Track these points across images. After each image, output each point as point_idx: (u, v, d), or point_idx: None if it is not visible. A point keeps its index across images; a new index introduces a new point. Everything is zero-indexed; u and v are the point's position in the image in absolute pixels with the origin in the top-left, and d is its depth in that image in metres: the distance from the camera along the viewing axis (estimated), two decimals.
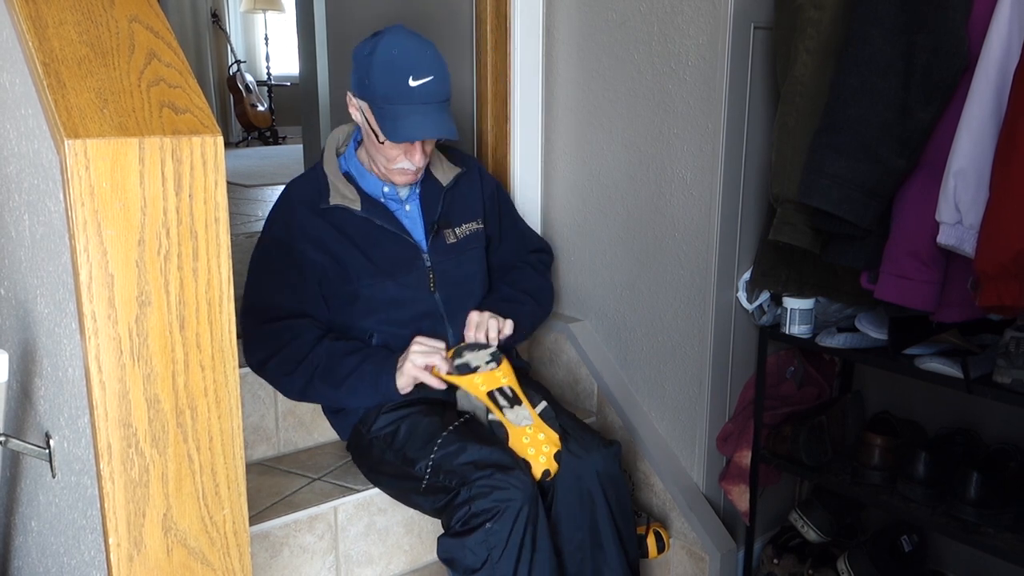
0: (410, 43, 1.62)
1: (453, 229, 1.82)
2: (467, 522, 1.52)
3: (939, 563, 2.10)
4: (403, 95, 1.59)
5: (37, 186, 1.04)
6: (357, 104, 1.68)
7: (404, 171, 1.71)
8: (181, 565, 1.00)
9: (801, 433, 1.88)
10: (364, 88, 1.63)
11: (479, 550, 1.51)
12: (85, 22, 1.00)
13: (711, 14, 1.80)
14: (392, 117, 1.60)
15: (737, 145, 1.85)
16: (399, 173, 1.72)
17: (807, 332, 1.86)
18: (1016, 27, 1.38)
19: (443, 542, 1.56)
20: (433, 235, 1.79)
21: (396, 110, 1.60)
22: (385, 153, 1.68)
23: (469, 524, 1.52)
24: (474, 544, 1.51)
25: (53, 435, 1.13)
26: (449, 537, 1.55)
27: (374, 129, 1.65)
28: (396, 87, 1.59)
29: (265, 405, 1.88)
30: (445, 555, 1.56)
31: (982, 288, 1.41)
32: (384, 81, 1.59)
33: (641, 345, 2.08)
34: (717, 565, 1.96)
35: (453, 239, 1.81)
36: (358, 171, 1.77)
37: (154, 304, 0.92)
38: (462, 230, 1.83)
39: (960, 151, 1.43)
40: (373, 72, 1.60)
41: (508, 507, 1.51)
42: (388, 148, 1.66)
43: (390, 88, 1.59)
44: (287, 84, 6.73)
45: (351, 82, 1.68)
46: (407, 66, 1.59)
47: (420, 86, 1.59)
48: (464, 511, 1.52)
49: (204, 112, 0.95)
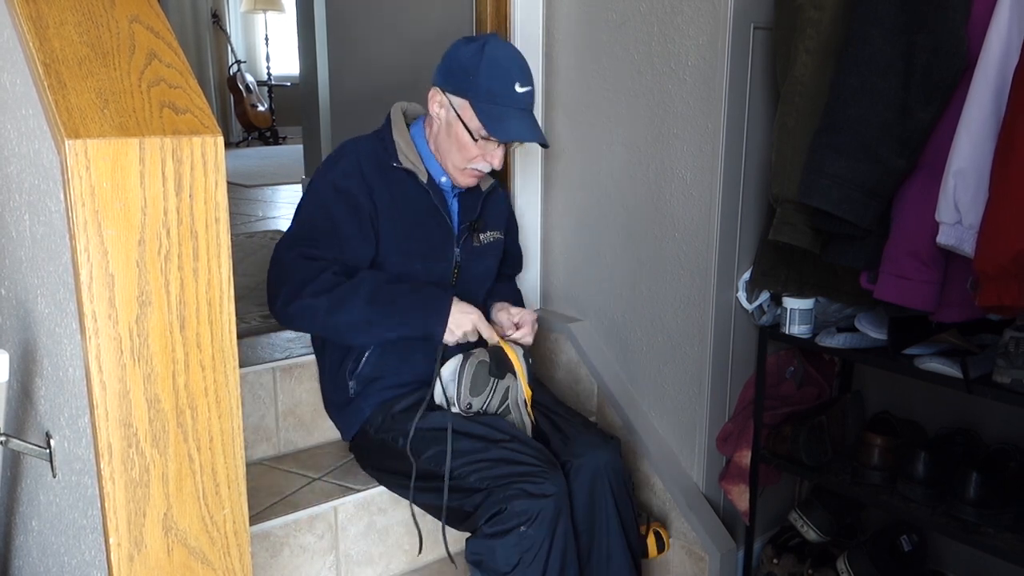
0: (514, 52, 1.70)
1: (480, 234, 1.85)
2: (500, 524, 1.52)
3: (939, 563, 2.10)
4: (510, 98, 1.65)
5: (38, 186, 1.04)
6: (447, 100, 1.69)
7: (476, 172, 1.74)
8: (181, 565, 1.00)
9: (801, 433, 1.89)
10: (467, 85, 1.65)
11: (511, 553, 1.51)
12: (86, 22, 1.00)
13: (711, 14, 1.80)
14: (496, 116, 1.65)
15: (737, 145, 1.85)
16: (469, 174, 1.74)
17: (807, 332, 1.86)
18: (1016, 27, 1.38)
19: (473, 544, 1.56)
20: (467, 234, 1.82)
21: (502, 111, 1.65)
22: (466, 152, 1.70)
23: (503, 526, 1.51)
24: (507, 547, 1.51)
25: (54, 435, 1.13)
26: (480, 539, 1.54)
27: (467, 125, 1.67)
28: (504, 88, 1.64)
29: (265, 405, 1.88)
30: (474, 557, 1.56)
31: (982, 288, 1.41)
32: (493, 80, 1.64)
33: (641, 345, 2.08)
34: (717, 565, 1.96)
35: (478, 243, 1.85)
36: (423, 150, 1.77)
37: (154, 304, 0.92)
38: (487, 236, 1.87)
39: (960, 151, 1.43)
40: (481, 71, 1.64)
41: (543, 511, 1.51)
42: (472, 147, 1.69)
43: (499, 88, 1.64)
44: (287, 84, 6.73)
45: (438, 77, 1.70)
46: (514, 71, 1.66)
47: (525, 93, 1.67)
48: (497, 513, 1.52)
49: (204, 112, 0.95)
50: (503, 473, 1.55)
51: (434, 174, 1.77)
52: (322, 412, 1.93)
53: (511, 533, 1.50)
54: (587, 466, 1.68)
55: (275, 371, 1.88)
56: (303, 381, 1.92)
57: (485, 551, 1.53)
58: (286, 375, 1.90)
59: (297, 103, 4.24)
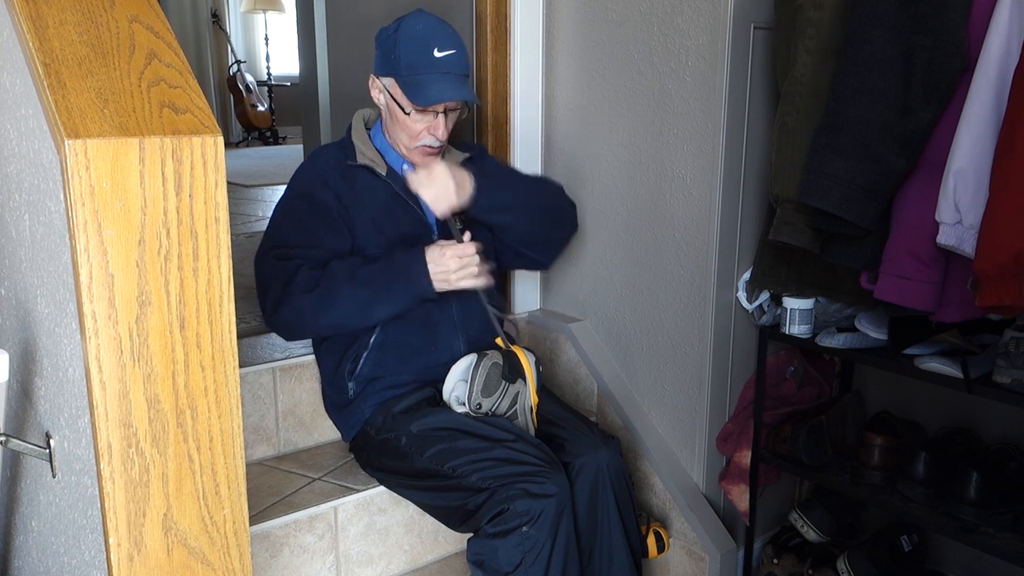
0: (432, 20, 1.72)
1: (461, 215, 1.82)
2: (502, 524, 1.51)
3: (939, 563, 2.10)
4: (429, 64, 1.68)
5: (37, 186, 1.04)
6: (380, 84, 1.75)
7: (427, 148, 1.75)
8: (181, 565, 1.00)
9: (801, 433, 1.89)
10: (389, 63, 1.71)
11: (514, 553, 1.51)
12: (85, 22, 1.00)
13: (711, 14, 1.80)
14: (418, 85, 1.68)
15: (737, 145, 1.85)
16: (421, 152, 1.76)
17: (807, 332, 1.86)
18: (1016, 27, 1.38)
19: (474, 544, 1.56)
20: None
21: (422, 79, 1.68)
22: (408, 130, 1.73)
23: (505, 526, 1.51)
24: (509, 547, 1.50)
25: (53, 435, 1.13)
26: (482, 539, 1.54)
27: (399, 102, 1.71)
28: (422, 57, 1.68)
29: (265, 405, 1.88)
30: (476, 557, 1.56)
31: (982, 288, 1.41)
32: (410, 52, 1.68)
33: (641, 345, 2.08)
34: (717, 565, 1.96)
35: (460, 224, 1.81)
36: (382, 145, 1.83)
37: (154, 304, 0.92)
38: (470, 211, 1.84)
39: (960, 151, 1.43)
40: (399, 46, 1.68)
41: (545, 510, 1.51)
42: (412, 124, 1.72)
43: (416, 57, 1.68)
44: (287, 84, 6.73)
45: (374, 65, 1.76)
46: (431, 39, 1.68)
47: (444, 57, 1.68)
48: (499, 513, 1.51)
49: (204, 112, 0.95)
50: (506, 473, 1.55)
51: (394, 165, 1.81)
52: (322, 412, 1.93)
53: (514, 533, 1.50)
54: (588, 466, 1.68)
55: (275, 371, 1.88)
56: (303, 381, 1.92)
57: (487, 551, 1.53)
58: (286, 375, 1.90)
59: (297, 103, 4.24)
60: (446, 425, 1.65)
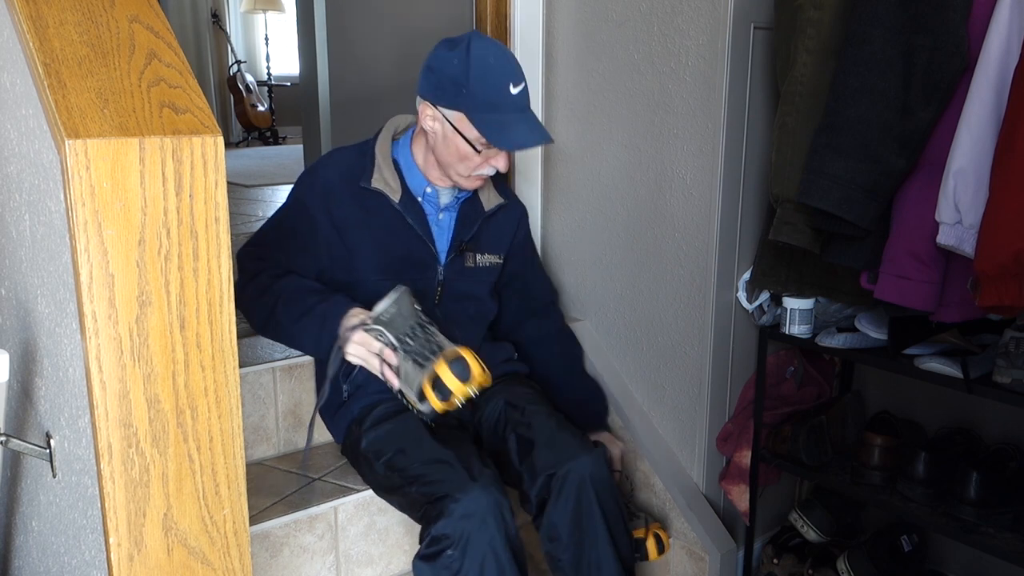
0: (499, 49, 1.61)
1: (476, 255, 1.80)
2: (431, 546, 1.50)
3: (939, 563, 2.10)
4: (507, 103, 1.58)
5: (38, 186, 1.04)
6: (439, 114, 1.61)
7: (483, 177, 1.70)
8: (181, 565, 1.00)
9: (801, 433, 1.89)
10: (458, 96, 1.57)
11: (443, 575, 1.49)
12: (86, 22, 1.00)
13: (711, 14, 1.80)
14: (498, 125, 1.58)
15: (737, 145, 1.85)
16: (476, 179, 1.69)
17: (807, 332, 1.86)
18: (1016, 27, 1.38)
19: (415, 566, 1.54)
20: (456, 253, 1.77)
21: (500, 118, 1.58)
22: (469, 162, 1.64)
23: (432, 549, 1.49)
24: (438, 570, 1.48)
25: (54, 435, 1.13)
26: (417, 560, 1.53)
27: (466, 136, 1.60)
28: (499, 94, 1.57)
29: (265, 405, 1.88)
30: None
31: (982, 288, 1.41)
32: (486, 89, 1.56)
33: (641, 345, 2.08)
34: (717, 565, 1.96)
35: (472, 264, 1.79)
36: (406, 163, 1.74)
37: (154, 304, 0.92)
38: (484, 259, 1.81)
39: (960, 151, 1.43)
40: (472, 80, 1.55)
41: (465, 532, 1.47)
42: (472, 156, 1.63)
43: (494, 95, 1.57)
44: (287, 84, 6.73)
45: (427, 89, 1.62)
46: (506, 73, 1.58)
47: (520, 93, 1.59)
48: (428, 533, 1.50)
49: (204, 112, 0.95)
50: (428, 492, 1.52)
51: (413, 188, 1.74)
52: None
53: (441, 557, 1.48)
54: (572, 476, 1.62)
55: (275, 371, 1.88)
56: (303, 381, 1.92)
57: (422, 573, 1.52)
58: (286, 375, 1.89)
59: (297, 103, 4.24)
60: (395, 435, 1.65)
